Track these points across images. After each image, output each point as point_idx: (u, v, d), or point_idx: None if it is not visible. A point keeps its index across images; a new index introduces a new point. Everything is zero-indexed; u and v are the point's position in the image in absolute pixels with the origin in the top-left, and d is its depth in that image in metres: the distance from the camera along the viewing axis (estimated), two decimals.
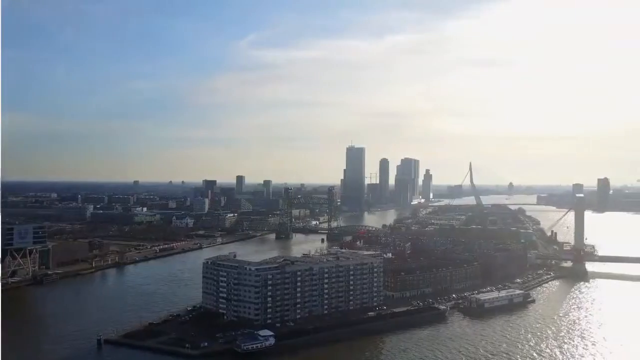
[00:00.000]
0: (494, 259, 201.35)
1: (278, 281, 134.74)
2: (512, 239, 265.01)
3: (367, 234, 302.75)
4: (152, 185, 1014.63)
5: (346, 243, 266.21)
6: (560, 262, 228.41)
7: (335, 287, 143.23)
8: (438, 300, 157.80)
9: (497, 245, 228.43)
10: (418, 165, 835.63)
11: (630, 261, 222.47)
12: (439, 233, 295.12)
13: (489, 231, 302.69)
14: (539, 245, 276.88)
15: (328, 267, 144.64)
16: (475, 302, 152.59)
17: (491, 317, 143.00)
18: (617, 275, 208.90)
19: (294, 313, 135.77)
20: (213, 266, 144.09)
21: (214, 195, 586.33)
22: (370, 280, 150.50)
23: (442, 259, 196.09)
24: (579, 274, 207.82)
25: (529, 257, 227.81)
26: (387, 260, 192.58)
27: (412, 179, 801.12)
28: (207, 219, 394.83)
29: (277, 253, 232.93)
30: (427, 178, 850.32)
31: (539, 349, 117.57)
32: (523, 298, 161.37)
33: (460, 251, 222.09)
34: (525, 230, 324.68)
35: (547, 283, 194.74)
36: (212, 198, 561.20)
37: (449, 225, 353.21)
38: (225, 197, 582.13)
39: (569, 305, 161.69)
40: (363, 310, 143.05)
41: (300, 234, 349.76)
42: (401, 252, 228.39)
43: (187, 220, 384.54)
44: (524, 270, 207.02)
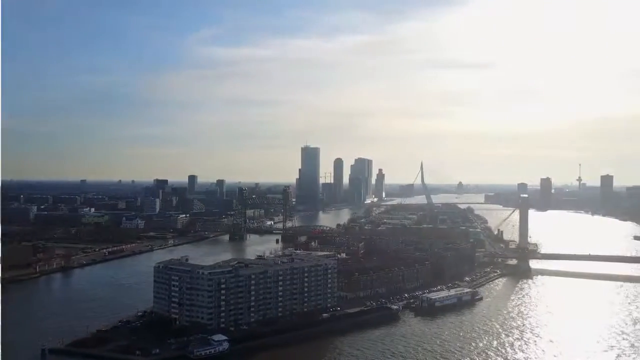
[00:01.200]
0: (444, 258, 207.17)
1: (232, 285, 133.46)
2: (461, 238, 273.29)
3: (322, 234, 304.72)
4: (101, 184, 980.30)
5: (301, 244, 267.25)
6: (506, 260, 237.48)
7: (289, 289, 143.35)
8: (391, 300, 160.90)
9: (447, 245, 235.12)
10: (371, 164, 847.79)
11: (570, 258, 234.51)
12: (391, 232, 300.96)
13: (440, 230, 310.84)
14: (486, 244, 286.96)
15: (282, 270, 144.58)
16: (426, 301, 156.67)
17: (442, 316, 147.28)
18: (558, 272, 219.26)
19: (248, 316, 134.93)
20: (165, 270, 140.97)
21: (166, 195, 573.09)
22: (324, 282, 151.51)
23: (395, 259, 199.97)
24: (523, 271, 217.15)
25: (477, 255, 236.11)
26: (341, 260, 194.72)
27: (366, 179, 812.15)
28: (159, 220, 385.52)
29: (230, 255, 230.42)
30: (379, 177, 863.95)
31: (488, 346, 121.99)
32: (471, 296, 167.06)
33: (412, 251, 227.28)
34: (474, 230, 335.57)
35: (494, 281, 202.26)
36: (163, 198, 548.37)
37: (401, 224, 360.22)
38: (177, 197, 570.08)
39: (514, 302, 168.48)
40: (317, 312, 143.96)
41: (254, 235, 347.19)
42: (355, 252, 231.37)
43: (138, 221, 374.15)
44: (473, 268, 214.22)
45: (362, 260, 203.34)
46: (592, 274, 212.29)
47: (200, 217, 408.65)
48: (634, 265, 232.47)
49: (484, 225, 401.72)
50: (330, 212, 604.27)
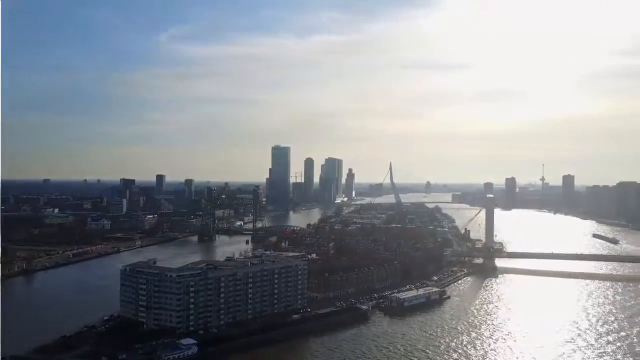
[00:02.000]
0: (412, 258, 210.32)
1: (201, 287, 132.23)
2: (429, 238, 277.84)
3: (292, 235, 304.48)
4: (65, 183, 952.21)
5: (271, 244, 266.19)
6: (473, 259, 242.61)
7: (259, 291, 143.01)
8: (360, 300, 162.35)
9: (416, 244, 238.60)
10: (341, 164, 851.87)
11: (534, 257, 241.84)
12: (361, 232, 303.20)
13: (408, 230, 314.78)
14: (454, 243, 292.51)
15: (252, 272, 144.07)
16: (395, 301, 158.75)
17: (410, 315, 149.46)
18: (523, 270, 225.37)
19: (217, 319, 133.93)
20: (132, 273, 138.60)
21: (133, 195, 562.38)
22: (295, 283, 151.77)
23: (365, 259, 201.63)
24: (489, 270, 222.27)
25: (444, 255, 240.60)
26: (311, 261, 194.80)
27: (336, 178, 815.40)
28: (125, 221, 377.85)
29: (199, 257, 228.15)
30: (350, 177, 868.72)
31: (455, 345, 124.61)
32: (439, 295, 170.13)
33: (382, 250, 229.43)
34: (441, 229, 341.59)
35: (461, 279, 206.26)
36: (130, 198, 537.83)
37: (371, 224, 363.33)
38: (144, 197, 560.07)
39: (481, 300, 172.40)
40: (288, 313, 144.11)
41: (224, 236, 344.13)
42: (325, 253, 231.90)
43: (104, 221, 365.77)
44: (441, 268, 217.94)
45: (332, 261, 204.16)
46: (555, 272, 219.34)
47: (168, 217, 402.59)
48: (593, 263, 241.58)
49: (452, 224, 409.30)
50: (300, 211, 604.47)
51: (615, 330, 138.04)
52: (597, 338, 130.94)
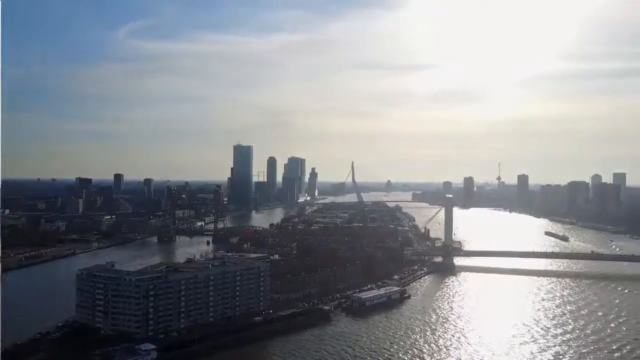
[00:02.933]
0: (374, 258, 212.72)
1: (160, 291, 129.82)
2: (390, 237, 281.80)
3: (255, 235, 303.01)
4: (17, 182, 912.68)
5: (233, 245, 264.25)
6: (433, 257, 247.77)
7: (221, 293, 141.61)
8: (323, 300, 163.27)
9: (377, 244, 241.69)
10: (304, 163, 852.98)
11: (491, 255, 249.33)
12: (323, 232, 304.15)
13: (370, 229, 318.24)
14: (414, 242, 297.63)
15: (214, 274, 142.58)
16: (357, 301, 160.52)
17: (372, 315, 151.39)
18: (480, 268, 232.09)
19: (178, 323, 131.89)
20: (88, 277, 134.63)
21: (89, 195, 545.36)
22: (257, 285, 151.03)
23: (327, 259, 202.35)
24: (448, 268, 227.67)
25: (405, 254, 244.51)
26: (274, 262, 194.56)
27: (299, 177, 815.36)
28: (82, 222, 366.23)
29: (159, 259, 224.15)
30: (312, 176, 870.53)
31: (416, 344, 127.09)
32: (400, 294, 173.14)
33: (344, 250, 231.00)
34: (402, 228, 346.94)
35: (421, 278, 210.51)
36: (86, 198, 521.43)
37: (333, 223, 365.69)
38: (101, 197, 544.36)
39: (440, 299, 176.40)
40: (250, 315, 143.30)
41: (184, 237, 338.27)
42: (288, 253, 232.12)
43: (59, 223, 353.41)
44: (401, 267, 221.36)
45: (294, 261, 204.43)
46: (510, 270, 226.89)
47: (126, 218, 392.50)
48: (546, 260, 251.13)
49: (412, 223, 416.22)
50: (263, 211, 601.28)
51: (564, 325, 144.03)
52: (547, 333, 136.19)
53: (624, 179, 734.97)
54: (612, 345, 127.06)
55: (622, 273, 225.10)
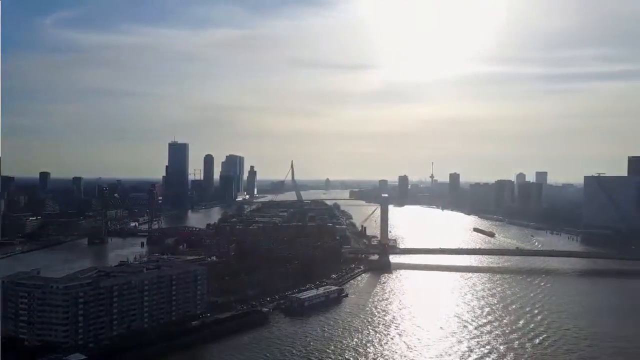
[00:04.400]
0: (313, 257, 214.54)
1: (91, 298, 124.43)
2: (328, 235, 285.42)
3: (191, 236, 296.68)
4: None
5: (169, 247, 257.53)
6: (369, 255, 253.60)
7: (156, 298, 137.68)
8: (262, 302, 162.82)
9: (316, 243, 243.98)
10: (243, 161, 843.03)
11: (424, 252, 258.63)
12: (262, 232, 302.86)
13: (309, 228, 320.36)
14: (351, 240, 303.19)
15: (148, 279, 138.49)
16: (295, 301, 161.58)
17: (311, 315, 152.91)
18: (414, 265, 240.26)
19: (110, 330, 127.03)
20: (11, 285, 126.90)
21: (12, 195, 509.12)
22: (194, 288, 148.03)
23: (266, 259, 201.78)
24: (384, 266, 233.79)
25: (342, 252, 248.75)
26: (211, 263, 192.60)
27: (237, 176, 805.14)
28: (4, 224, 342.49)
29: (90, 263, 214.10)
30: (251, 174, 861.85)
31: (354, 343, 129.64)
32: (338, 294, 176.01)
33: (283, 250, 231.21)
34: (340, 226, 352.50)
35: (358, 277, 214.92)
36: (9, 198, 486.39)
37: (272, 223, 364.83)
38: (25, 196, 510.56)
39: (377, 297, 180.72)
40: (186, 320, 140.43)
41: (117, 238, 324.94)
42: (226, 254, 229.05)
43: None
44: (339, 265, 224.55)
45: (232, 263, 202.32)
46: (442, 266, 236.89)
47: (54, 219, 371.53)
48: (475, 257, 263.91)
49: (349, 221, 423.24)
50: (200, 211, 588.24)
51: (488, 318, 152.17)
52: (476, 327, 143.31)
53: (545, 177, 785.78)
54: (529, 335, 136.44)
55: (542, 267, 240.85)
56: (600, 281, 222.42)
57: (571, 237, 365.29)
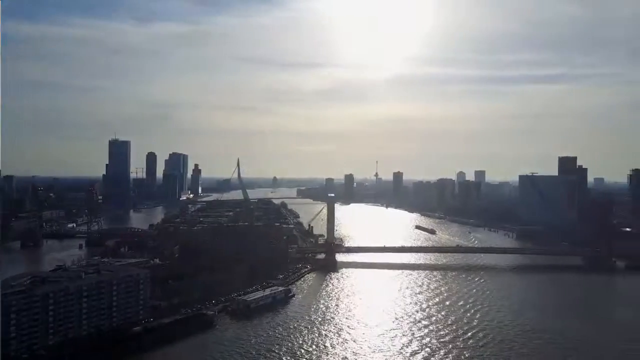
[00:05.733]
0: (259, 258, 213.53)
1: (24, 307, 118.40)
2: (275, 235, 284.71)
3: (133, 238, 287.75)
4: None
5: (109, 249, 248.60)
6: (316, 254, 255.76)
7: (96, 304, 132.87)
8: (207, 305, 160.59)
9: (262, 243, 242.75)
10: (187, 159, 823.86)
11: (369, 251, 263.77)
12: (208, 232, 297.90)
13: (256, 228, 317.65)
14: (298, 240, 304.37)
15: (87, 284, 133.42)
16: (241, 303, 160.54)
17: (257, 317, 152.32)
18: (360, 264, 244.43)
19: (45, 340, 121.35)
20: None
21: None
22: (136, 293, 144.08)
23: (211, 261, 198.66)
24: (330, 265, 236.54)
25: (290, 252, 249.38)
26: (154, 266, 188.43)
27: (181, 174, 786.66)
28: None
29: (23, 268, 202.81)
30: (196, 172, 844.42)
31: (302, 343, 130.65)
32: (285, 294, 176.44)
33: (229, 251, 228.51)
34: (287, 226, 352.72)
35: (305, 276, 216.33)
36: None
37: (218, 223, 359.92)
38: None
39: (323, 296, 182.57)
40: (128, 326, 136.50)
41: (53, 240, 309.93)
42: (169, 257, 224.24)
43: None
44: (286, 265, 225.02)
45: (176, 265, 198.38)
46: (386, 264, 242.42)
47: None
48: (418, 255, 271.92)
49: (297, 220, 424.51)
50: (142, 210, 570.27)
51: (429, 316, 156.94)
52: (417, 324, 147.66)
53: (484, 176, 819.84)
54: (463, 329, 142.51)
55: (479, 264, 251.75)
56: (533, 276, 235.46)
57: (507, 233, 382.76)
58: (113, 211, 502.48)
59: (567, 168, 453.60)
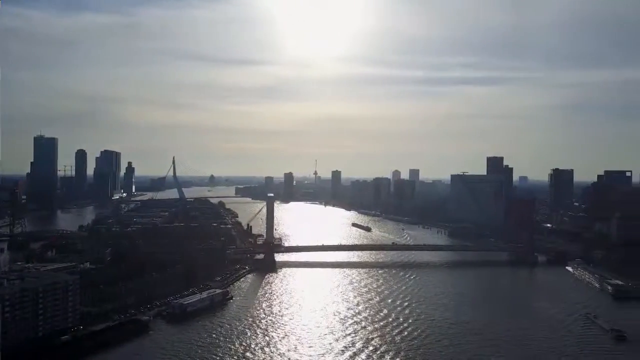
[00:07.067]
0: (196, 259, 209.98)
1: None
2: (213, 236, 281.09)
3: (61, 240, 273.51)
4: None
5: (34, 253, 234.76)
6: (254, 255, 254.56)
7: (19, 314, 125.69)
8: (141, 310, 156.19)
9: (199, 244, 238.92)
10: (120, 157, 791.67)
11: (308, 250, 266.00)
12: (142, 233, 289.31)
13: (192, 228, 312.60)
14: (237, 240, 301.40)
15: (10, 293, 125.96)
16: (178, 307, 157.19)
17: (195, 321, 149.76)
18: (299, 263, 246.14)
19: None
20: None
21: None
22: (64, 300, 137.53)
23: (146, 264, 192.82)
24: (269, 265, 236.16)
25: (228, 253, 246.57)
26: (84, 271, 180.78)
27: (114, 172, 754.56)
28: None
29: None
30: (129, 171, 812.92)
31: (240, 346, 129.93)
32: (223, 296, 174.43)
33: (164, 253, 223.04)
34: (225, 226, 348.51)
35: (243, 277, 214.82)
36: None
37: (152, 223, 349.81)
38: None
39: (262, 298, 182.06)
40: (55, 336, 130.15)
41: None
42: (101, 260, 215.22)
43: None
44: (224, 267, 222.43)
45: (109, 269, 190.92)
46: (324, 263, 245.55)
47: None
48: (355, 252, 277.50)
49: (235, 219, 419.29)
50: (71, 211, 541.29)
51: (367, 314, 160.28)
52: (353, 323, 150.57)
53: (418, 174, 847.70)
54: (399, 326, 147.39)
55: (414, 261, 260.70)
56: (463, 272, 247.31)
57: (440, 230, 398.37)
58: (39, 212, 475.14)
59: (495, 168, 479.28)
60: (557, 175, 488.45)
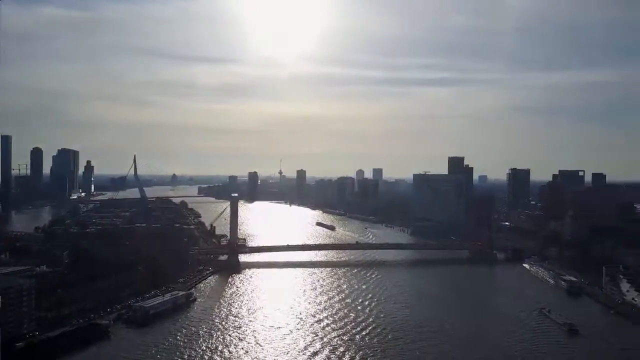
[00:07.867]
0: (158, 261, 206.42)
1: None
2: (175, 237, 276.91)
3: (15, 242, 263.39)
4: None
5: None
6: (218, 256, 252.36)
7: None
8: (101, 314, 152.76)
9: (162, 245, 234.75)
10: (78, 156, 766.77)
11: (272, 250, 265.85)
12: (101, 235, 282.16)
13: (154, 229, 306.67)
14: (200, 241, 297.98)
15: None
16: (139, 310, 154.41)
17: (157, 324, 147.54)
18: (263, 263, 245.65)
19: None
20: None
21: None
22: (18, 305, 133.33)
23: (105, 266, 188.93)
24: (233, 266, 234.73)
25: (191, 254, 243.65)
26: (40, 274, 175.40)
27: (72, 171, 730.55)
28: None
29: None
30: (88, 170, 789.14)
31: (204, 348, 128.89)
32: (186, 298, 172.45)
33: (125, 254, 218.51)
34: (188, 226, 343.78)
35: (207, 279, 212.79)
36: None
37: (113, 224, 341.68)
38: None
39: (226, 299, 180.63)
40: (9, 343, 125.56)
41: None
42: (58, 262, 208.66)
43: None
44: (187, 268, 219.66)
45: (67, 272, 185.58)
46: (289, 263, 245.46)
47: None
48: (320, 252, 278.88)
49: (198, 220, 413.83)
50: (26, 212, 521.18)
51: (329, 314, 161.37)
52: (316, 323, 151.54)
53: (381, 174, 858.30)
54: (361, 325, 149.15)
55: (377, 260, 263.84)
56: (425, 270, 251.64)
57: (402, 229, 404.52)
58: None
59: (456, 167, 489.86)
60: (514, 175, 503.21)
